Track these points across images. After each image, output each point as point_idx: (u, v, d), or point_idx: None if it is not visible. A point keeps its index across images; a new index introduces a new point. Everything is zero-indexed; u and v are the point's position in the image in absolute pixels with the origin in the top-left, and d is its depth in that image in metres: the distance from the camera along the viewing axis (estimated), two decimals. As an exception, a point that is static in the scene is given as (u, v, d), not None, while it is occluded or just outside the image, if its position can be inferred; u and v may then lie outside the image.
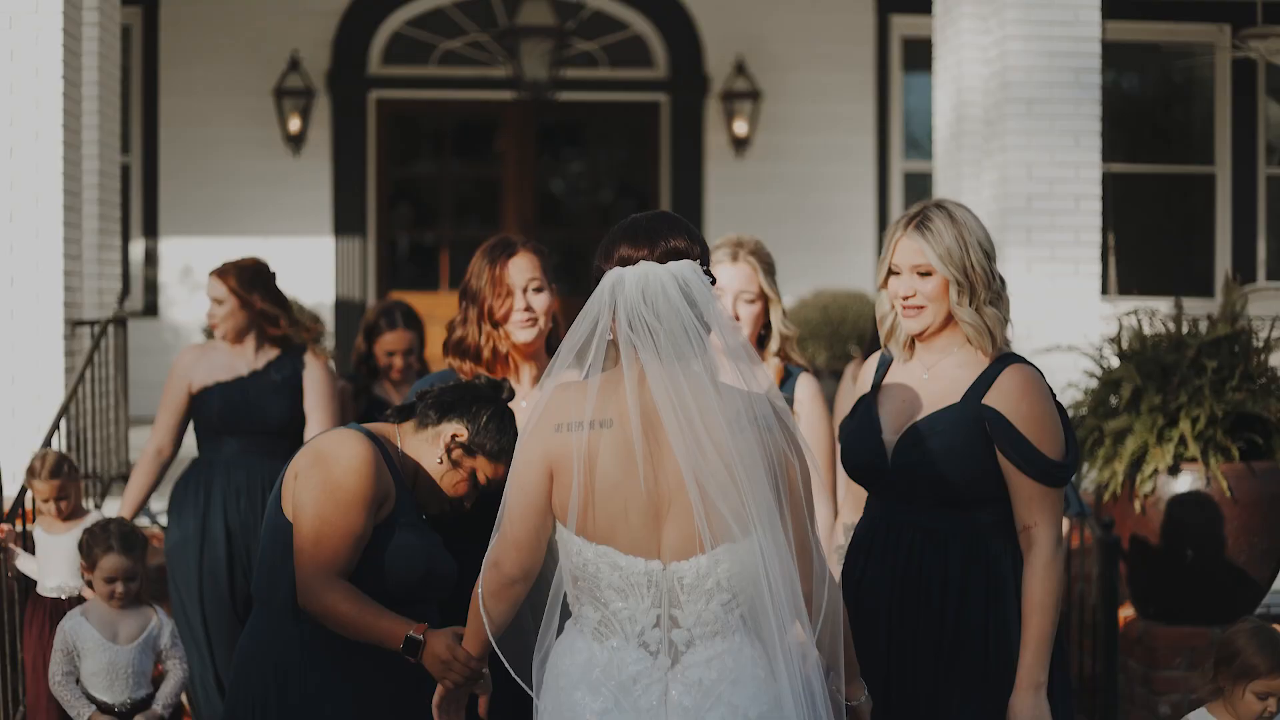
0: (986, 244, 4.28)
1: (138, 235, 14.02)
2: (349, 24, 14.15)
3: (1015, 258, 9.56)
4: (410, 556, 4.22)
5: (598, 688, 3.53)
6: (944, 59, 10.67)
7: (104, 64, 9.93)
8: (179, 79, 13.97)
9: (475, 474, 4.38)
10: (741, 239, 5.12)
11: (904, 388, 4.40)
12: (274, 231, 13.88)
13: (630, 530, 3.50)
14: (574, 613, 3.62)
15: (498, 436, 4.37)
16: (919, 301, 4.28)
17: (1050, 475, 4.17)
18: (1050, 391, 4.25)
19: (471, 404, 4.40)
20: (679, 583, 3.51)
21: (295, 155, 14.00)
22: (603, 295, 3.56)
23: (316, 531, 4.15)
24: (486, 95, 14.29)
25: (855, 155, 14.33)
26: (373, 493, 4.18)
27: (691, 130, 14.40)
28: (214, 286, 7.02)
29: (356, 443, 4.24)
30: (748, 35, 14.20)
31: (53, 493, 6.52)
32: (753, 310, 5.01)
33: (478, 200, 15.46)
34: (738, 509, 3.46)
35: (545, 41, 13.23)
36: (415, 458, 4.39)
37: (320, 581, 4.12)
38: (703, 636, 3.54)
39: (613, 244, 3.65)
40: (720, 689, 3.52)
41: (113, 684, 5.78)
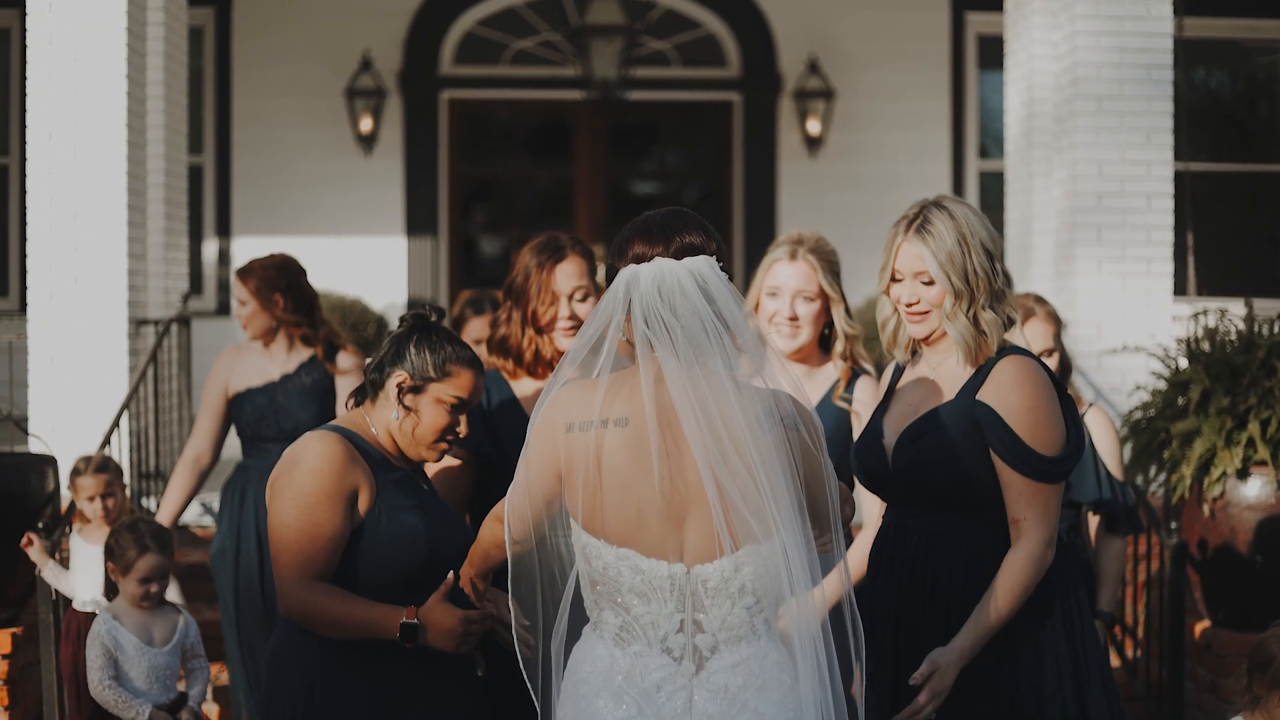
0: (990, 242, 4.15)
1: (211, 235, 14.08)
2: (420, 24, 14.15)
3: (1085, 256, 9.42)
4: (407, 542, 4.12)
5: (620, 695, 3.46)
6: (1015, 55, 10.55)
7: (170, 64, 9.97)
8: (252, 80, 14.02)
9: (439, 405, 4.24)
10: (802, 236, 5.01)
11: (910, 392, 4.31)
12: (346, 231, 13.92)
13: (650, 532, 3.42)
14: (593, 618, 3.54)
15: (431, 356, 4.25)
16: (923, 307, 4.19)
17: (1040, 471, 4.01)
18: (1050, 384, 4.11)
19: (398, 347, 4.29)
20: (702, 586, 3.43)
21: (367, 155, 14.02)
22: (617, 293, 3.48)
23: (285, 538, 4.09)
24: (558, 95, 14.25)
25: (930, 154, 14.18)
26: (337, 490, 4.08)
27: (764, 130, 14.31)
28: (236, 287, 6.95)
29: (318, 442, 4.16)
30: (821, 34, 14.09)
31: (99, 488, 6.48)
32: (811, 309, 4.90)
33: (550, 200, 15.44)
34: (759, 510, 3.37)
35: (615, 41, 13.17)
36: (385, 428, 4.29)
37: (296, 586, 4.05)
38: (727, 641, 3.46)
39: (627, 241, 3.58)
40: (746, 695, 3.44)
41: (150, 688, 5.74)
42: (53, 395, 8.84)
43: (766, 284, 4.95)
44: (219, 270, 14.10)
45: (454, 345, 4.30)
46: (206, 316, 13.64)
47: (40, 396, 8.86)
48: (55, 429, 8.70)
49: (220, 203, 14.10)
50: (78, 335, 8.83)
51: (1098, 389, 9.35)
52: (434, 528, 4.19)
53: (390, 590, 4.09)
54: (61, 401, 8.82)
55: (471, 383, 4.27)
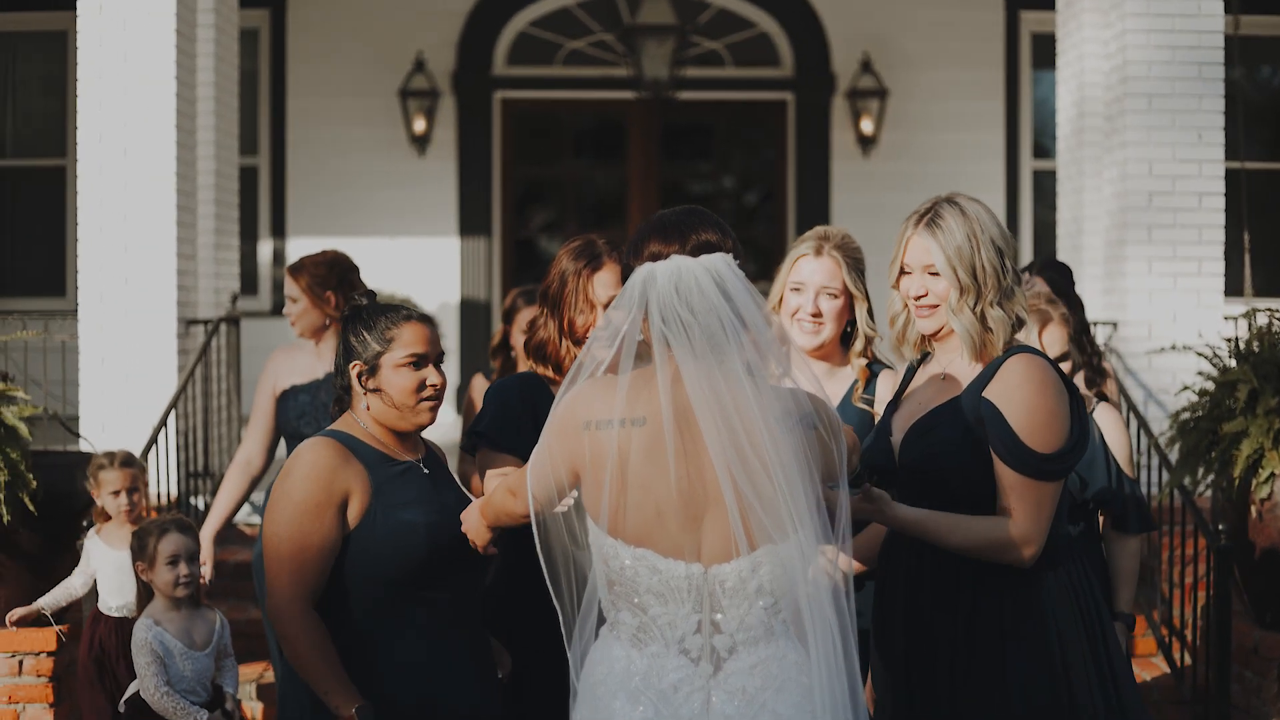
0: (1000, 240, 4.13)
1: (266, 236, 14.15)
2: (474, 25, 14.18)
3: (1136, 256, 9.36)
4: (406, 539, 4.10)
5: (637, 696, 3.45)
6: (1066, 54, 10.48)
7: (220, 65, 10.03)
8: (306, 80, 14.08)
9: (399, 369, 4.23)
10: (828, 232, 4.98)
11: (921, 390, 4.29)
12: (399, 232, 13.97)
13: (668, 532, 3.41)
14: (609, 618, 3.53)
15: (370, 334, 4.26)
16: (932, 301, 4.16)
17: (1033, 468, 3.95)
18: (1059, 382, 4.06)
19: (343, 343, 4.31)
20: (720, 586, 3.42)
21: (420, 156, 14.06)
22: (633, 291, 3.47)
23: (276, 549, 4.11)
24: (611, 95, 14.24)
25: (984, 153, 14.10)
26: (326, 498, 4.09)
27: (818, 129, 14.27)
28: (288, 284, 6.90)
29: (308, 451, 4.17)
30: (874, 33, 14.04)
31: (125, 482, 6.46)
32: (835, 306, 4.87)
33: (603, 200, 15.45)
34: (776, 510, 3.36)
35: (666, 41, 13.16)
36: (372, 421, 4.29)
37: (287, 600, 4.07)
38: (745, 642, 3.45)
39: (642, 240, 3.57)
40: (764, 697, 3.43)
41: (194, 689, 5.76)
42: (103, 394, 8.92)
43: (791, 279, 4.92)
44: (273, 270, 14.17)
45: (388, 313, 4.29)
46: (261, 317, 13.72)
47: (90, 395, 8.94)
48: (105, 428, 8.78)
49: (275, 203, 14.17)
50: (127, 335, 8.90)
51: (1148, 390, 9.28)
52: (435, 521, 4.17)
53: (392, 588, 4.10)
54: (111, 401, 8.89)
55: (416, 334, 4.25)
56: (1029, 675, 3.98)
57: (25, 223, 13.79)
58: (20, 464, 6.94)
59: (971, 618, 4.03)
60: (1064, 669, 4.01)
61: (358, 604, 4.13)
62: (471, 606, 4.30)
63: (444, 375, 4.33)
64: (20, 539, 7.05)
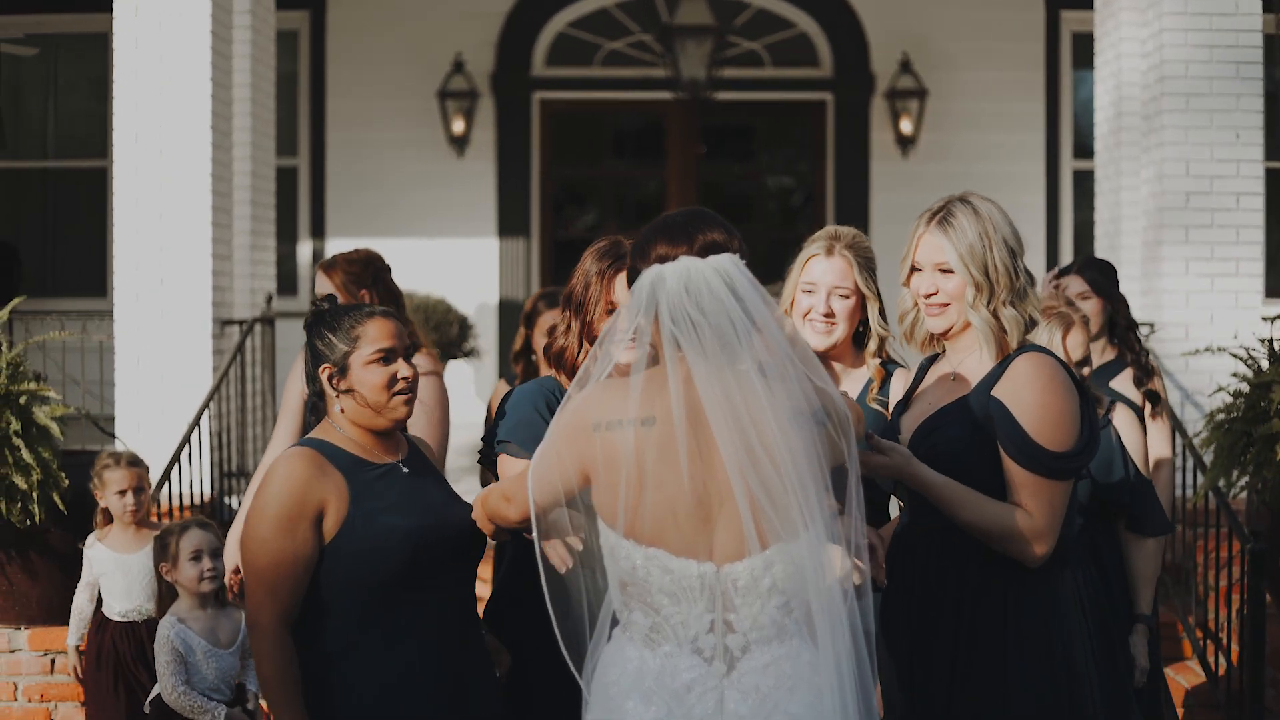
0: (1013, 240, 4.10)
1: (305, 237, 14.20)
2: (513, 26, 14.19)
3: (1173, 257, 9.30)
4: (386, 543, 4.08)
5: (650, 696, 3.43)
6: (1104, 53, 10.42)
7: (257, 67, 10.07)
8: (345, 82, 14.12)
9: (368, 367, 4.21)
10: (839, 232, 4.95)
11: (931, 389, 4.27)
12: (438, 233, 13.99)
13: (680, 531, 3.40)
14: (622, 619, 3.52)
15: (335, 335, 4.23)
16: (942, 299, 4.14)
17: (1045, 466, 3.92)
18: (1068, 381, 4.04)
19: (310, 350, 4.29)
20: (733, 585, 3.41)
21: (459, 157, 14.08)
22: (641, 293, 3.45)
23: (252, 563, 4.12)
24: (650, 96, 14.22)
25: (1024, 154, 14.04)
26: (299, 512, 4.07)
27: (857, 129, 14.22)
28: (320, 280, 6.77)
29: (283, 464, 4.16)
30: (913, 33, 13.99)
31: (130, 482, 6.44)
32: (847, 306, 4.85)
33: (642, 200, 15.43)
34: (787, 509, 3.35)
35: (703, 41, 13.13)
36: (348, 425, 4.27)
37: (261, 618, 4.08)
38: (759, 641, 3.44)
39: (649, 243, 3.56)
40: (777, 696, 3.41)
41: (218, 688, 5.78)
42: (139, 394, 8.97)
43: (802, 279, 4.90)
44: (312, 271, 14.20)
45: (350, 313, 4.28)
46: (299, 317, 13.71)
47: (126, 395, 9.00)
48: (140, 427, 8.83)
49: (314, 204, 14.22)
50: (163, 335, 8.95)
51: (1185, 391, 9.22)
52: (417, 523, 4.15)
53: (377, 591, 4.09)
54: (147, 400, 8.94)
55: (382, 329, 4.23)
56: (1030, 675, 3.96)
57: (69, 224, 13.89)
58: (52, 463, 7.00)
59: (974, 616, 4.02)
60: (1067, 670, 3.98)
61: (342, 611, 4.11)
62: (463, 605, 4.29)
63: (414, 368, 4.31)
64: (52, 538, 7.11)
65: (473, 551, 4.32)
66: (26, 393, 7.06)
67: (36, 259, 14.26)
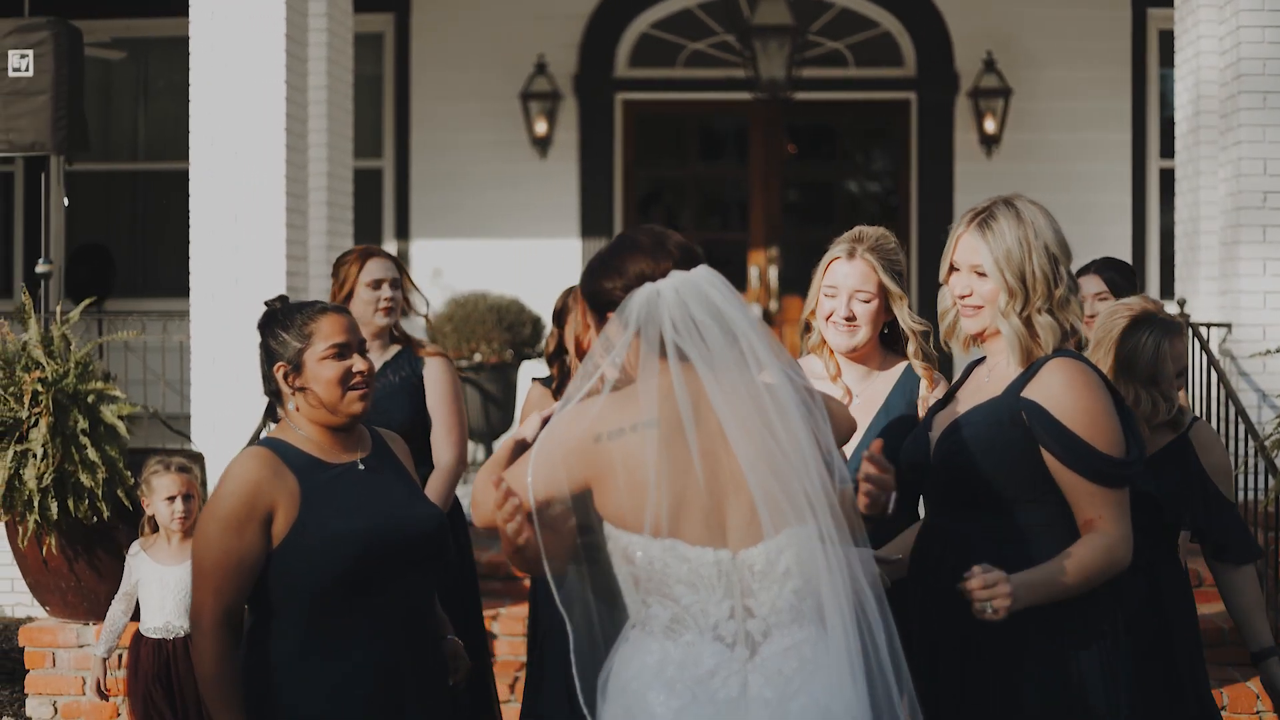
0: (1055, 247, 4.04)
1: (390, 238, 14.31)
2: (595, 27, 14.23)
3: (1250, 257, 9.18)
4: (336, 546, 4.08)
5: (673, 685, 3.45)
6: (1184, 50, 10.31)
7: (333, 69, 10.17)
8: (429, 84, 14.23)
9: (322, 363, 4.22)
10: (862, 234, 4.93)
11: (966, 389, 4.25)
12: (520, 233, 14.05)
13: (694, 523, 3.44)
14: (639, 617, 3.54)
15: (287, 332, 4.26)
16: (976, 301, 4.11)
17: (1104, 475, 3.89)
18: (1105, 387, 4.00)
19: (264, 350, 4.32)
20: (750, 570, 3.45)
21: (542, 158, 14.13)
22: (635, 310, 3.49)
23: (199, 563, 4.13)
24: (732, 96, 14.19)
25: (1110, 153, 13.89)
26: (249, 514, 4.08)
27: (940, 129, 14.14)
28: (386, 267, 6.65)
29: (237, 464, 4.17)
30: (997, 31, 13.89)
31: (180, 488, 6.32)
32: (869, 309, 4.83)
33: (724, 201, 15.43)
34: (795, 494, 3.41)
35: (782, 41, 13.11)
36: (306, 422, 4.27)
37: (204, 615, 4.10)
38: (779, 625, 3.46)
39: (621, 262, 3.57)
40: (800, 679, 3.44)
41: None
42: (214, 393, 9.06)
43: (825, 283, 4.88)
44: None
45: (303, 310, 4.30)
46: (385, 317, 13.86)
47: (202, 394, 9.10)
48: (215, 428, 8.93)
49: (399, 205, 14.33)
50: (238, 334, 9.02)
51: (1263, 393, 9.11)
52: (371, 525, 4.15)
53: (325, 594, 4.09)
54: (222, 400, 9.03)
55: (335, 324, 4.25)
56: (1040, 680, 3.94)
57: (158, 225, 14.09)
58: (118, 461, 7.12)
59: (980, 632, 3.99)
60: (1079, 679, 3.94)
61: (289, 614, 4.12)
62: (418, 610, 4.29)
63: (369, 362, 4.33)
64: (119, 535, 7.22)
65: (432, 552, 4.30)
66: (94, 391, 7.18)
67: (127, 260, 14.51)
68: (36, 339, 7.25)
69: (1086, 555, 3.89)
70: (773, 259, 14.31)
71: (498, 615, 8.13)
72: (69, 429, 7.05)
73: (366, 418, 5.00)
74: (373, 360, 6.18)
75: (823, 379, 4.87)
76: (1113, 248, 13.45)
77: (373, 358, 6.18)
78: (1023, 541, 3.99)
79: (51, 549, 7.21)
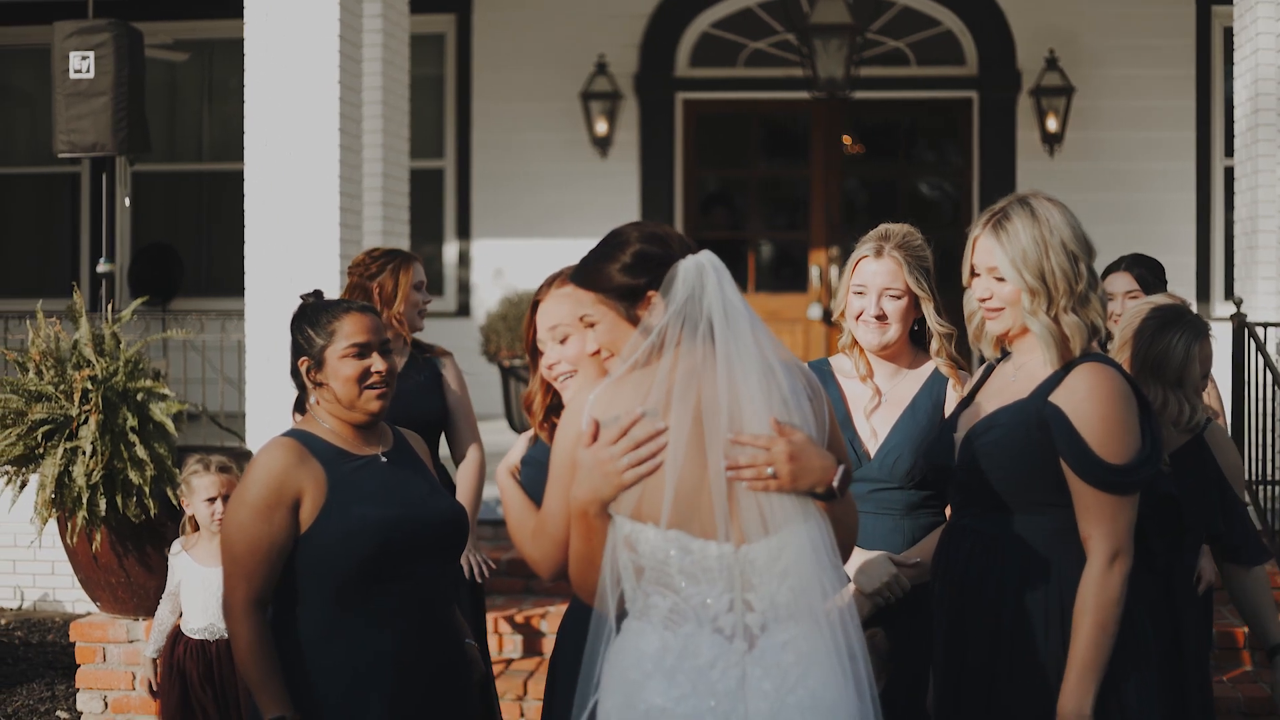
0: (1073, 244, 4.00)
1: (451, 237, 14.40)
2: (656, 27, 14.25)
3: (1307, 255, 9.08)
4: (359, 533, 4.17)
5: (673, 674, 3.47)
6: (1242, 48, 10.19)
7: (389, 69, 10.23)
8: (490, 84, 14.29)
9: (343, 360, 4.29)
10: (888, 232, 4.91)
11: (991, 388, 4.23)
12: (581, 233, 13.99)
13: (699, 515, 3.44)
14: (637, 607, 3.54)
15: (313, 329, 4.34)
16: (997, 304, 4.09)
17: (1104, 480, 3.88)
18: (1130, 393, 3.97)
19: (292, 343, 4.39)
20: (751, 565, 3.45)
21: (602, 158, 14.17)
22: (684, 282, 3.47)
23: (229, 549, 4.22)
24: (793, 95, 14.16)
25: (1174, 151, 13.78)
26: (277, 500, 4.17)
27: (1003, 127, 14.07)
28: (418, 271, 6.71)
29: (264, 452, 4.26)
30: (1059, 30, 13.81)
31: (221, 489, 6.28)
32: (898, 306, 4.81)
33: (785, 201, 15.40)
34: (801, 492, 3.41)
35: (841, 40, 13.08)
36: (328, 416, 4.36)
37: (236, 601, 4.20)
38: (776, 620, 3.47)
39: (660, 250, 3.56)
40: (798, 673, 3.45)
41: None
42: (268, 392, 9.12)
43: (854, 282, 4.87)
44: (459, 272, 14.40)
45: (330, 308, 4.38)
46: (447, 317, 13.96)
47: (257, 393, 9.17)
48: (272, 427, 8.98)
49: (460, 205, 14.41)
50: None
51: (1318, 394, 8.99)
52: (392, 514, 4.24)
53: (354, 578, 4.18)
54: (276, 399, 9.08)
55: (357, 324, 4.31)
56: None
57: (222, 225, 14.21)
58: (167, 459, 7.19)
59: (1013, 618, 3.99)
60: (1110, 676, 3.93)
61: (315, 599, 4.21)
62: (440, 598, 4.37)
63: (390, 362, 4.38)
64: (168, 532, 7.27)
65: (452, 542, 4.40)
66: (143, 389, 7.26)
67: (192, 259, 14.65)
68: (87, 337, 7.33)
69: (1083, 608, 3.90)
70: (833, 258, 14.28)
71: (546, 614, 8.17)
72: (118, 426, 7.13)
73: (402, 412, 5.07)
74: (401, 360, 6.37)
75: (852, 378, 4.87)
76: (1176, 246, 13.41)
77: (399, 358, 6.38)
78: (1051, 544, 4.00)
79: (101, 545, 7.29)
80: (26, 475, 7.30)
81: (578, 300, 3.79)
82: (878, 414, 4.79)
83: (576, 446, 3.52)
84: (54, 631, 9.14)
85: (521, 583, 8.51)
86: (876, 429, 4.75)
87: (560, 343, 4.10)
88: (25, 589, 9.83)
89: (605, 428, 3.45)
